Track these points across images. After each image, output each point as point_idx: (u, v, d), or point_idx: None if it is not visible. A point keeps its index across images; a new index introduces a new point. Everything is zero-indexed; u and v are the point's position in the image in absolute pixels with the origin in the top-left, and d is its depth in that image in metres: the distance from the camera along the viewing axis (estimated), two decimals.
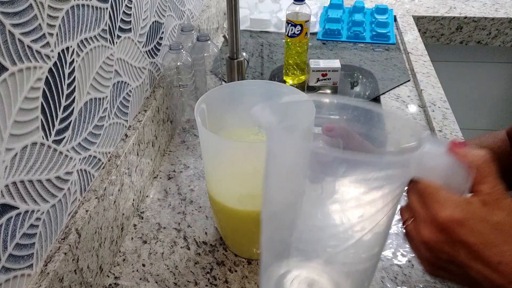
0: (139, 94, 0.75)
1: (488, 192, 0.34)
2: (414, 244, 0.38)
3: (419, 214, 0.37)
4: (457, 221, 0.34)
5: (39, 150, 0.48)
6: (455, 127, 0.89)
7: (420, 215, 0.36)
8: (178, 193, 0.77)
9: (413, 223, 0.38)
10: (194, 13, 1.07)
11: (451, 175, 0.36)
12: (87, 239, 0.56)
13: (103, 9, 0.60)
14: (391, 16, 1.34)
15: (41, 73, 0.47)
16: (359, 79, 1.11)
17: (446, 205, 0.34)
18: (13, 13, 0.42)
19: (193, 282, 0.62)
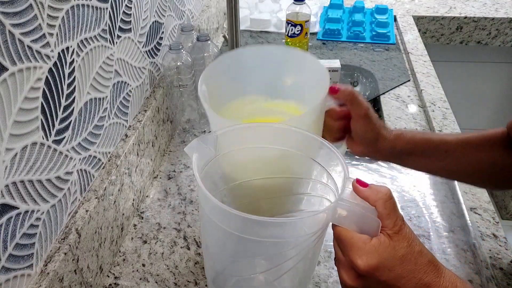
0: (139, 94, 0.75)
1: (391, 227, 0.40)
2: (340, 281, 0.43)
3: (339, 258, 0.42)
4: (373, 267, 0.39)
5: (39, 150, 0.48)
6: (455, 127, 0.89)
7: (340, 259, 0.42)
8: (178, 193, 0.77)
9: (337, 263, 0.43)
10: (194, 13, 1.07)
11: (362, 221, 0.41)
12: (87, 239, 0.56)
13: (103, 9, 0.60)
14: (391, 16, 1.34)
15: (41, 73, 0.47)
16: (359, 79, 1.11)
17: (361, 253, 0.39)
18: (13, 13, 0.42)
19: (193, 282, 0.62)
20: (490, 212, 0.71)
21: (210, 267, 0.52)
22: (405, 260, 0.39)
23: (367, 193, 0.41)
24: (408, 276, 0.39)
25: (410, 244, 0.40)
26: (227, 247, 0.47)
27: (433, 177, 0.78)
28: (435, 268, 0.40)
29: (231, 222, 0.42)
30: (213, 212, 0.43)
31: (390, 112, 0.96)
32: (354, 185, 0.42)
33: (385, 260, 0.39)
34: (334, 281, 0.61)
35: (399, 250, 0.39)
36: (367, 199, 0.41)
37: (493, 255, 0.64)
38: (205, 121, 0.92)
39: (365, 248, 0.39)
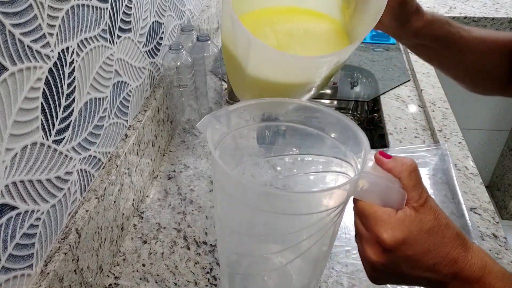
0: (139, 94, 0.75)
1: (416, 199, 0.38)
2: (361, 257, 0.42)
3: (363, 234, 0.40)
4: (400, 241, 0.37)
5: (39, 150, 0.48)
6: (455, 127, 0.89)
7: (364, 235, 0.40)
8: (178, 193, 0.77)
9: (358, 239, 0.41)
10: (194, 13, 1.07)
11: (386, 193, 0.39)
12: (87, 239, 0.56)
13: (103, 9, 0.60)
14: None
15: (41, 73, 0.47)
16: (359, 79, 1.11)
17: (387, 227, 0.38)
18: (13, 13, 0.42)
19: (193, 282, 0.62)
20: (490, 212, 0.71)
21: (224, 248, 0.50)
22: (432, 233, 0.38)
23: (391, 164, 0.39)
24: (436, 250, 0.38)
25: (436, 216, 0.38)
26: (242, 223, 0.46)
27: (433, 177, 0.78)
28: (462, 242, 0.38)
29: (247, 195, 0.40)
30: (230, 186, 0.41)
31: (390, 112, 0.96)
32: (377, 157, 0.40)
33: (412, 233, 0.37)
34: (334, 281, 0.61)
35: (426, 223, 0.38)
36: (391, 170, 0.39)
37: (493, 255, 0.64)
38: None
39: (391, 221, 0.38)
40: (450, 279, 0.38)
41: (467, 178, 0.77)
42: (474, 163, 0.80)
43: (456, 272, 0.38)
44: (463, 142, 0.85)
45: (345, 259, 0.64)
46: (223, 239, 0.50)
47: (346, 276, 0.62)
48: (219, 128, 0.45)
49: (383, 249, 0.38)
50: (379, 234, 0.37)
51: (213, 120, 0.44)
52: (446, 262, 0.38)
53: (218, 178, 0.43)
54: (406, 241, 0.37)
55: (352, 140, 0.45)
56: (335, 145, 0.48)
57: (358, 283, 0.61)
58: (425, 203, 0.39)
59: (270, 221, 0.43)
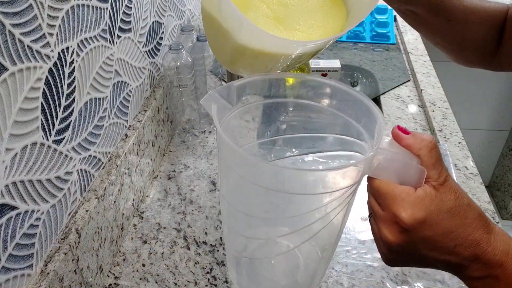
0: (139, 94, 0.75)
1: (436, 178, 0.36)
2: (375, 239, 0.39)
3: (378, 214, 0.38)
4: (419, 220, 0.35)
5: (39, 150, 0.48)
6: (455, 127, 0.89)
7: (380, 215, 0.37)
8: (178, 193, 0.77)
9: (373, 220, 0.39)
10: (194, 13, 1.07)
11: (404, 170, 0.37)
12: (87, 239, 0.56)
13: (103, 9, 0.60)
14: (391, 16, 1.34)
15: (41, 73, 0.47)
16: (359, 79, 1.11)
17: (405, 206, 0.35)
18: (13, 13, 0.42)
19: (193, 282, 0.62)
20: (490, 212, 0.71)
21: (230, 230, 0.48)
22: (453, 213, 0.35)
23: (410, 140, 0.37)
24: (457, 231, 0.35)
25: (458, 196, 0.36)
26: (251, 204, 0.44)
27: None
28: (485, 224, 0.36)
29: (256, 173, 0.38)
30: (238, 165, 0.39)
31: (390, 112, 0.96)
32: (395, 132, 0.38)
33: (432, 213, 0.35)
34: (334, 281, 0.61)
35: (446, 202, 0.36)
36: (409, 147, 0.37)
37: None
38: (205, 121, 0.92)
39: (410, 199, 0.35)
40: (470, 262, 0.36)
41: (467, 178, 0.77)
42: (474, 163, 0.80)
43: (477, 255, 0.36)
44: (463, 142, 0.85)
45: (345, 259, 0.64)
46: (229, 221, 0.48)
47: (346, 276, 0.62)
48: (224, 104, 0.43)
49: (401, 228, 0.36)
50: (397, 213, 0.35)
51: (217, 96, 0.42)
52: (467, 244, 0.36)
53: (224, 156, 0.41)
54: (426, 221, 0.35)
55: (365, 117, 0.43)
56: (347, 123, 0.45)
57: (358, 283, 0.61)
58: (445, 182, 0.36)
59: (280, 202, 0.41)
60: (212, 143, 0.88)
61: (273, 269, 0.52)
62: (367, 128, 0.43)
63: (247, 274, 0.53)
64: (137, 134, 0.71)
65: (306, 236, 0.44)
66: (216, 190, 0.77)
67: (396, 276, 0.62)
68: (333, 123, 0.48)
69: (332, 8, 0.51)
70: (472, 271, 0.36)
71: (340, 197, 0.40)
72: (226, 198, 0.46)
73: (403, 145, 0.37)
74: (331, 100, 0.47)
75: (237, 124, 0.47)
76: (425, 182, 0.37)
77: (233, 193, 0.45)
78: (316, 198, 0.41)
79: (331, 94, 0.46)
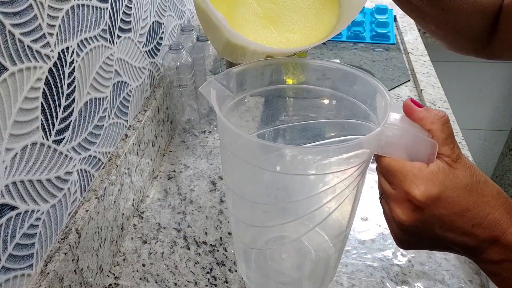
0: (139, 94, 0.75)
1: (449, 154, 0.34)
2: (387, 220, 0.38)
3: (389, 193, 0.36)
4: (433, 197, 0.33)
5: (39, 150, 0.48)
6: (455, 127, 0.89)
7: (391, 194, 0.36)
8: (178, 193, 0.77)
9: (384, 200, 0.37)
10: (194, 13, 1.07)
11: (415, 145, 0.35)
12: (87, 239, 0.56)
13: (103, 9, 0.60)
14: (391, 16, 1.34)
15: (41, 73, 0.47)
16: None
17: (418, 182, 0.33)
18: (13, 13, 0.42)
19: (193, 282, 0.62)
20: None
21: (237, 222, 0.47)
22: (470, 190, 0.33)
23: (422, 114, 0.35)
24: (474, 209, 0.33)
25: (473, 173, 0.34)
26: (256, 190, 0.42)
27: None
28: (505, 202, 0.34)
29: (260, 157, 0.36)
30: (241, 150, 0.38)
31: None
32: (408, 104, 0.36)
33: (448, 189, 0.33)
34: (334, 281, 0.61)
35: (462, 179, 0.33)
36: (421, 121, 0.35)
37: None
38: (205, 121, 0.92)
39: (422, 175, 0.33)
40: (488, 244, 0.34)
41: None
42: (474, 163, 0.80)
43: (497, 236, 0.33)
44: (463, 142, 0.85)
45: (345, 259, 0.64)
46: (236, 212, 0.47)
47: (346, 276, 0.62)
48: (224, 91, 0.41)
49: (414, 206, 0.34)
50: (410, 190, 0.33)
51: (215, 83, 0.40)
52: (486, 224, 0.33)
53: (227, 143, 0.40)
54: (441, 198, 0.33)
55: (371, 97, 0.41)
56: (352, 106, 0.43)
57: (358, 283, 0.61)
58: (458, 159, 0.34)
59: (286, 185, 0.40)
60: (212, 143, 0.88)
61: (283, 262, 0.50)
62: (373, 108, 0.42)
63: (257, 268, 0.52)
64: (137, 134, 0.71)
65: (315, 222, 0.42)
66: (216, 190, 0.77)
67: (396, 276, 0.62)
68: (338, 106, 0.46)
69: (325, 4, 0.49)
70: (491, 254, 0.34)
71: (348, 178, 0.38)
72: (232, 188, 0.45)
73: (414, 118, 0.36)
74: (335, 83, 0.45)
75: (238, 112, 0.46)
76: (437, 157, 0.35)
77: (238, 182, 0.43)
78: (322, 178, 0.39)
79: (334, 76, 0.44)
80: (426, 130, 0.35)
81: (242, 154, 0.39)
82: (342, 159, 0.37)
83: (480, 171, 0.35)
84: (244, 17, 0.46)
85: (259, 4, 0.48)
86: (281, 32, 0.46)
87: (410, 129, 0.35)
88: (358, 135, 0.45)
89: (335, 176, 0.38)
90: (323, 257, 0.51)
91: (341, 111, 0.46)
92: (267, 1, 0.49)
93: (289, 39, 0.46)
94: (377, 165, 0.37)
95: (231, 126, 0.36)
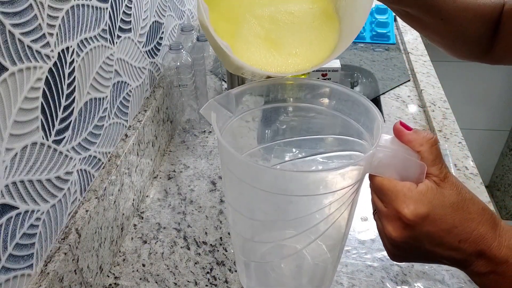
0: (139, 94, 0.75)
1: (437, 174, 0.36)
2: (380, 235, 0.40)
3: (382, 211, 0.38)
4: (422, 216, 0.35)
5: (39, 150, 0.48)
6: (455, 127, 0.89)
7: (383, 212, 0.37)
8: (178, 193, 0.77)
9: (377, 216, 0.39)
10: (194, 13, 1.07)
11: (405, 166, 0.37)
12: (87, 239, 0.56)
13: (103, 9, 0.60)
14: (391, 16, 1.34)
15: (41, 73, 0.47)
16: (359, 79, 1.11)
17: (408, 202, 0.35)
18: (13, 13, 0.42)
19: (193, 282, 0.62)
20: None
21: (237, 235, 0.49)
22: (456, 208, 0.35)
23: (411, 136, 0.37)
24: (461, 226, 0.35)
25: (459, 191, 0.36)
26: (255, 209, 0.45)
27: None
28: (490, 218, 0.36)
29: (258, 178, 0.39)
30: (239, 170, 0.40)
31: (390, 112, 0.96)
32: (397, 128, 0.38)
33: (435, 207, 0.35)
34: (334, 281, 0.61)
35: (448, 197, 0.35)
36: (411, 143, 0.37)
37: None
38: (205, 121, 0.92)
39: (412, 195, 0.35)
40: (475, 258, 0.36)
41: (467, 178, 0.77)
42: (474, 163, 0.80)
43: (482, 250, 0.35)
44: (463, 142, 0.85)
45: (345, 259, 0.64)
46: (236, 227, 0.49)
47: (346, 276, 0.62)
48: (224, 112, 0.43)
49: (404, 224, 0.36)
50: (400, 209, 0.35)
51: (216, 104, 0.42)
52: (472, 240, 0.35)
53: (226, 162, 0.42)
54: (429, 216, 0.35)
55: (364, 116, 0.43)
56: (346, 123, 0.45)
57: (358, 283, 0.61)
58: (446, 178, 0.36)
59: (283, 205, 0.42)
60: (212, 143, 0.88)
61: (282, 272, 0.52)
62: (366, 127, 0.44)
63: (257, 278, 0.54)
64: (137, 134, 0.71)
65: (312, 237, 0.44)
66: (216, 190, 0.77)
67: (396, 276, 0.62)
68: (332, 123, 0.49)
69: (325, 22, 0.50)
70: (477, 267, 0.36)
71: (343, 196, 0.40)
72: (231, 204, 0.47)
73: (404, 140, 0.38)
74: (330, 101, 0.48)
75: (237, 125, 0.48)
76: (426, 177, 0.37)
77: (237, 199, 0.46)
78: (318, 198, 0.41)
79: (329, 95, 0.47)
80: (416, 152, 0.37)
81: (240, 174, 0.41)
82: (337, 180, 0.39)
83: (466, 189, 0.37)
84: (247, 40, 0.47)
85: (260, 24, 0.49)
86: (283, 55, 0.48)
87: (400, 151, 0.37)
88: (353, 150, 0.47)
89: (330, 195, 0.40)
90: (321, 266, 0.53)
91: (335, 128, 0.49)
92: (267, 22, 0.49)
93: (292, 63, 0.48)
94: (370, 183, 0.39)
95: (230, 149, 0.38)
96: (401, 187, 0.36)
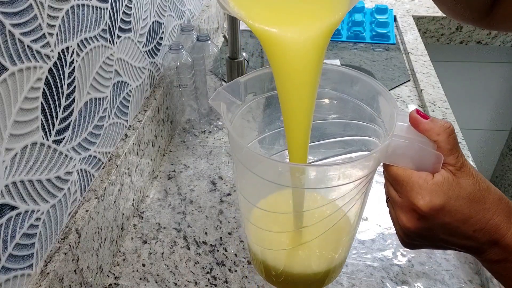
0: (139, 94, 0.75)
1: (453, 163, 0.36)
2: (393, 222, 0.39)
3: (396, 201, 0.37)
4: (437, 207, 0.35)
5: (39, 150, 0.48)
6: (455, 127, 0.89)
7: (397, 202, 0.37)
8: (178, 193, 0.77)
9: (390, 204, 0.39)
10: (194, 13, 1.07)
11: (421, 156, 0.36)
12: (87, 239, 0.56)
13: (103, 9, 0.60)
14: (391, 16, 1.34)
15: (41, 73, 0.47)
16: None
17: (423, 193, 0.35)
18: (13, 13, 0.42)
19: (193, 282, 0.62)
20: None
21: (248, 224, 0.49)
22: (472, 199, 0.35)
23: (428, 125, 0.36)
24: (476, 216, 0.35)
25: (476, 180, 0.35)
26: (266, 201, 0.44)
27: None
28: (506, 207, 0.35)
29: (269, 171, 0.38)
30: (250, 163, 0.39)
31: None
32: (414, 116, 0.37)
33: (451, 199, 0.35)
34: (334, 281, 0.61)
35: (465, 187, 0.35)
36: (427, 132, 0.36)
37: None
38: (205, 121, 0.92)
39: (427, 186, 0.35)
40: (488, 246, 0.36)
41: None
42: (474, 163, 0.80)
43: (497, 239, 0.35)
44: (463, 142, 0.85)
45: None
46: (247, 215, 0.48)
47: (346, 276, 0.62)
48: (233, 101, 0.42)
49: (419, 215, 0.35)
50: (415, 201, 0.35)
51: (225, 93, 0.41)
52: (486, 229, 0.35)
53: (237, 154, 0.41)
54: (445, 208, 0.35)
55: (376, 103, 0.42)
56: (358, 107, 0.44)
57: (358, 283, 0.61)
58: (463, 167, 0.36)
59: (295, 197, 0.41)
60: (212, 143, 0.88)
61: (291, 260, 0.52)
62: (379, 112, 0.42)
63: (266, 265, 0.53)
64: (137, 134, 0.71)
65: (323, 228, 0.43)
66: (216, 190, 0.77)
67: (396, 276, 0.62)
68: (343, 107, 0.47)
69: None
70: (491, 255, 0.36)
71: (356, 187, 0.39)
72: (243, 194, 0.46)
73: (420, 129, 0.37)
74: (340, 86, 0.46)
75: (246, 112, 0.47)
76: (442, 167, 0.36)
77: (249, 190, 0.45)
78: (332, 190, 0.40)
79: (339, 80, 0.45)
80: (432, 141, 0.36)
81: (252, 167, 0.40)
82: (351, 172, 0.38)
83: (483, 178, 0.36)
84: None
85: None
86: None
87: (416, 141, 0.36)
88: (366, 135, 0.46)
89: (343, 187, 0.39)
90: (331, 256, 0.52)
91: (347, 113, 0.47)
92: None
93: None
94: (385, 172, 0.39)
95: (236, 137, 0.37)
96: (417, 178, 0.35)
